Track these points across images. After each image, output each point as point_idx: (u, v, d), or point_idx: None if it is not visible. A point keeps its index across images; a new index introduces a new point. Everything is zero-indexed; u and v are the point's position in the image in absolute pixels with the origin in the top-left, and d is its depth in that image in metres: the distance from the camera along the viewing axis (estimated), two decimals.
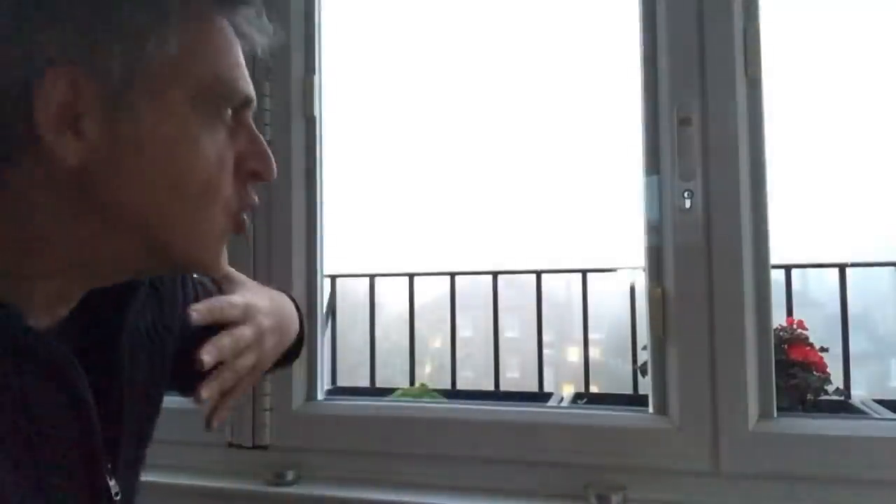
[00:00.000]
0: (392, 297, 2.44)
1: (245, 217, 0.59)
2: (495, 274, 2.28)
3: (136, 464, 0.64)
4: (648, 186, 1.16)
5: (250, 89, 0.57)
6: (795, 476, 1.03)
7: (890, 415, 1.43)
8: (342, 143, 1.45)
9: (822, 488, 1.02)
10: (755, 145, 1.10)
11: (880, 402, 1.53)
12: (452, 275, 2.30)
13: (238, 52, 0.57)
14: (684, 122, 1.10)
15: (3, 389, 0.48)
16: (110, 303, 0.59)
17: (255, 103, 0.59)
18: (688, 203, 1.10)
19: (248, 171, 0.58)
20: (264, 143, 0.59)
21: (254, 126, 0.59)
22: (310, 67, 1.34)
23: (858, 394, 1.69)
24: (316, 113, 1.34)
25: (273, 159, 0.60)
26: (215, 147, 0.54)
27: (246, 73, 0.57)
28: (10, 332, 0.49)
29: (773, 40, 1.11)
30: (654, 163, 1.15)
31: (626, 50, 1.20)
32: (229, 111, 0.56)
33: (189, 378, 0.78)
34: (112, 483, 0.56)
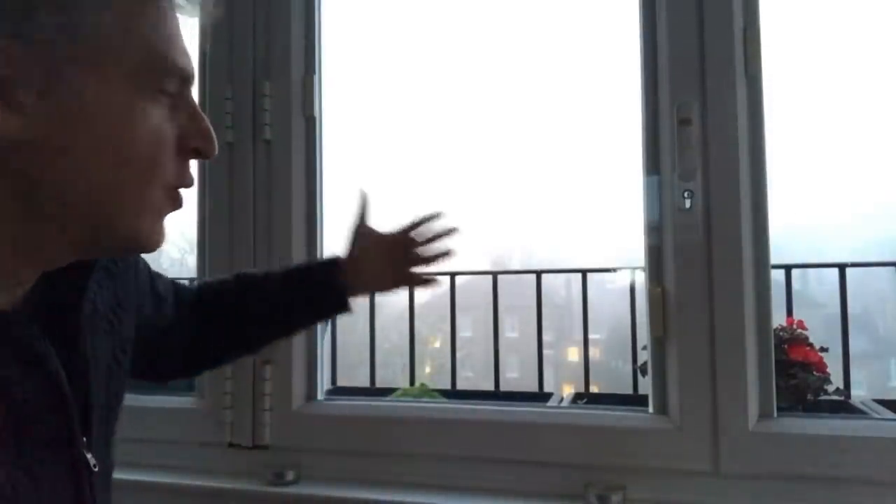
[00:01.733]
0: (392, 297, 2.44)
1: (181, 194, 0.59)
2: (495, 274, 2.28)
3: (108, 439, 0.66)
4: (648, 186, 1.16)
5: (188, 63, 0.56)
6: (795, 476, 1.03)
7: (890, 415, 1.42)
8: (342, 142, 1.45)
9: (822, 488, 1.02)
10: (755, 145, 1.10)
11: (880, 402, 1.53)
12: (452, 275, 2.30)
13: (175, 25, 0.56)
14: (684, 122, 1.10)
15: None
16: (67, 282, 0.60)
17: (193, 78, 0.58)
18: (688, 203, 1.10)
19: (190, 149, 0.57)
20: (206, 119, 0.58)
21: (195, 102, 0.58)
22: (310, 67, 1.34)
23: (858, 394, 1.69)
24: (316, 113, 1.34)
25: (214, 137, 0.59)
26: (156, 122, 0.54)
27: (184, 46, 0.56)
28: None
29: (773, 39, 1.11)
30: (654, 163, 1.15)
31: (626, 50, 1.20)
32: (170, 87, 0.55)
33: (150, 363, 0.83)
34: (89, 456, 0.58)
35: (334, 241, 1.38)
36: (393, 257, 0.97)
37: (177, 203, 0.58)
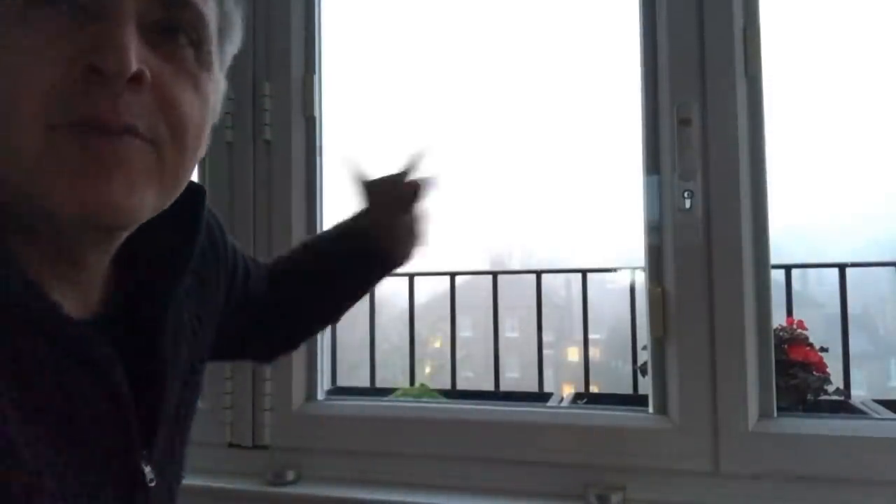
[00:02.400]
0: (392, 297, 2.44)
1: (101, 130, 0.45)
2: (495, 274, 2.28)
3: (174, 451, 0.63)
4: (648, 186, 1.16)
5: None
6: (795, 476, 1.03)
7: (890, 415, 1.42)
8: (342, 142, 1.45)
9: (822, 488, 1.02)
10: (755, 145, 1.10)
11: (880, 402, 1.53)
12: (452, 275, 2.30)
13: None
14: (684, 122, 1.10)
15: (39, 373, 0.47)
16: (155, 288, 0.58)
17: None
18: (688, 203, 1.10)
19: (85, 66, 0.44)
20: (112, 32, 0.45)
21: (113, 19, 0.45)
22: (310, 67, 1.34)
23: (858, 394, 1.69)
24: (316, 113, 1.34)
25: (123, 46, 0.44)
26: (20, 35, 0.44)
27: None
28: (45, 320, 0.47)
29: (773, 39, 1.11)
30: (654, 163, 1.15)
31: (626, 50, 1.21)
32: None
33: (229, 343, 0.80)
34: (147, 469, 0.55)
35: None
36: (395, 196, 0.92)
37: (95, 144, 0.45)
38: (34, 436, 0.45)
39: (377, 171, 0.94)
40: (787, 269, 1.95)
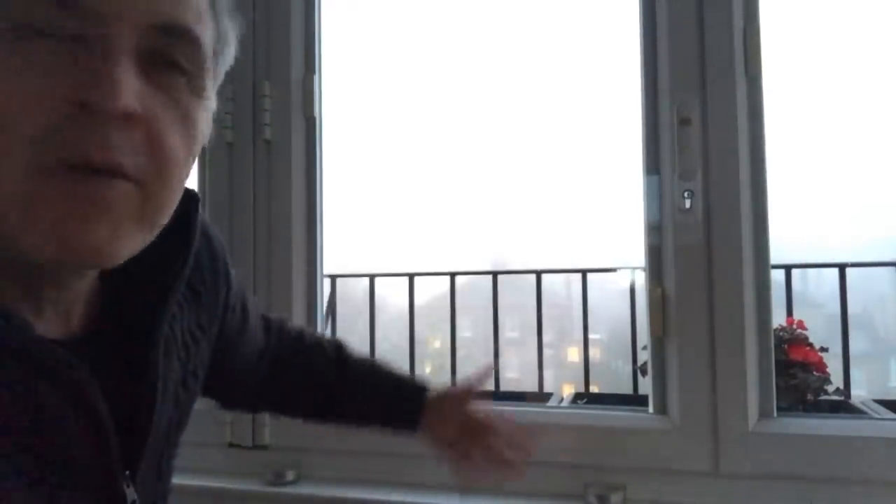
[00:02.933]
0: (392, 297, 2.44)
1: (95, 169, 0.43)
2: (495, 274, 2.28)
3: (160, 470, 0.61)
4: (648, 186, 1.15)
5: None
6: (795, 476, 1.03)
7: (890, 415, 1.43)
8: (342, 143, 1.45)
9: (821, 488, 1.02)
10: (755, 145, 1.10)
11: (880, 402, 1.53)
12: (452, 275, 2.30)
13: None
14: (684, 122, 1.10)
15: (14, 403, 0.45)
16: (145, 303, 0.56)
17: (86, 7, 0.43)
18: (688, 203, 1.10)
19: (72, 102, 0.42)
20: (106, 67, 0.43)
21: (107, 51, 0.44)
22: (310, 67, 1.34)
23: (858, 394, 1.69)
24: (316, 113, 1.34)
25: (118, 81, 0.43)
26: (12, 68, 0.41)
27: None
28: (13, 340, 0.45)
29: (773, 39, 1.11)
30: (654, 163, 1.15)
31: (626, 50, 1.20)
32: (36, 19, 0.42)
33: (223, 385, 0.78)
34: (129, 490, 0.53)
35: (334, 242, 1.38)
36: (467, 433, 0.90)
37: (83, 189, 0.43)
38: (2, 454, 0.44)
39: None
40: (787, 269, 1.96)
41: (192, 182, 1.34)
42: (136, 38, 0.45)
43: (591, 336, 2.25)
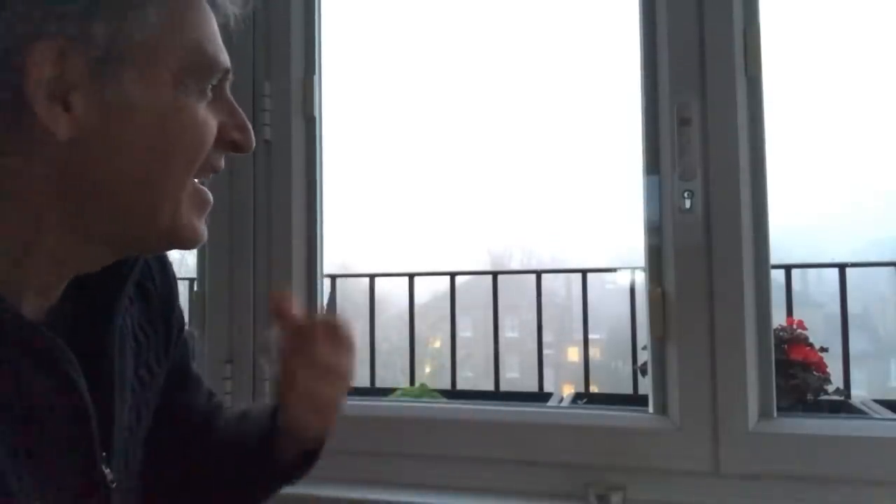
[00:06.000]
0: (392, 297, 2.44)
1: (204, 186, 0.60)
2: (495, 274, 2.28)
3: (129, 459, 0.63)
4: (648, 186, 1.15)
5: (226, 59, 0.58)
6: (795, 476, 1.03)
7: (890, 415, 1.43)
8: (342, 143, 1.45)
9: (822, 488, 1.02)
10: (755, 145, 1.10)
11: (880, 402, 1.53)
12: (452, 275, 2.30)
13: (214, 23, 0.58)
14: (684, 122, 1.10)
15: (4, 381, 0.49)
16: (98, 295, 0.59)
17: (232, 74, 0.60)
18: (688, 203, 1.10)
19: (228, 141, 0.59)
20: (243, 114, 0.61)
21: (231, 97, 0.61)
22: (310, 67, 1.34)
23: (858, 394, 1.69)
24: (316, 113, 1.34)
25: (251, 129, 0.61)
26: (200, 118, 0.55)
27: (221, 43, 0.59)
28: (3, 321, 0.49)
29: (773, 39, 1.11)
30: (654, 163, 1.15)
31: (626, 50, 1.20)
32: (213, 83, 0.57)
33: (164, 422, 0.70)
34: (107, 471, 0.56)
35: (334, 242, 1.38)
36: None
37: (206, 195, 0.59)
38: None
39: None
40: (787, 269, 1.96)
41: None
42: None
43: (591, 336, 2.25)
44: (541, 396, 2.00)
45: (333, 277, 2.13)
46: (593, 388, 2.17)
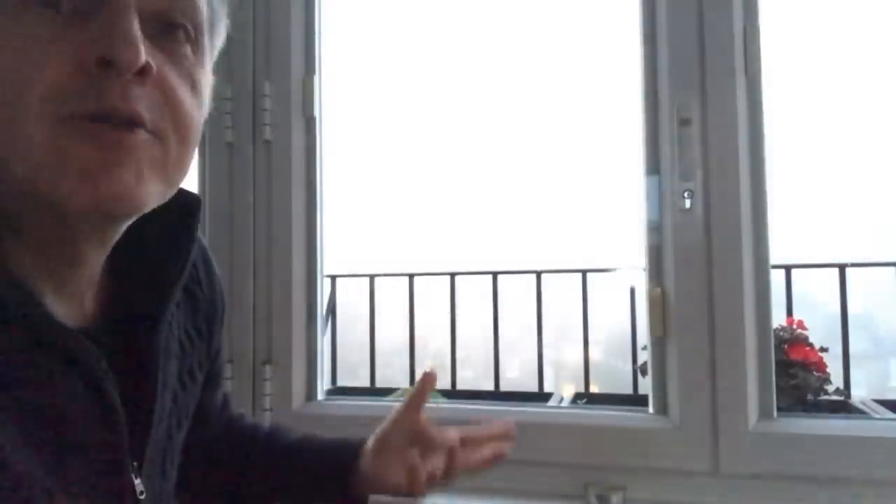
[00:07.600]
0: (392, 297, 2.44)
1: (113, 123, 0.46)
2: (495, 274, 2.28)
3: (164, 466, 0.61)
4: (648, 186, 1.15)
5: None
6: (795, 476, 1.03)
7: (890, 415, 1.43)
8: (342, 143, 1.45)
9: (822, 488, 1.02)
10: (755, 145, 1.10)
11: (880, 402, 1.53)
12: (452, 275, 2.30)
13: None
14: (684, 122, 1.10)
15: (26, 381, 0.47)
16: (145, 301, 0.58)
17: None
18: (688, 203, 1.10)
19: (94, 60, 0.44)
20: (123, 23, 0.45)
21: (119, 10, 0.46)
22: (310, 67, 1.34)
23: (858, 394, 1.69)
24: (316, 113, 1.34)
25: (133, 39, 0.45)
26: (18, 41, 0.44)
27: None
28: (37, 326, 0.47)
29: (773, 39, 1.11)
30: (654, 163, 1.15)
31: (626, 50, 1.20)
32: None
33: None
34: (137, 482, 0.54)
35: (334, 242, 1.38)
36: (414, 445, 0.80)
37: (108, 136, 0.45)
38: (19, 440, 0.45)
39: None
40: (787, 269, 1.96)
41: (192, 181, 1.34)
42: (143, 1, 0.47)
43: (591, 336, 2.25)
44: (541, 396, 2.00)
45: (333, 277, 2.14)
46: (593, 388, 2.17)
